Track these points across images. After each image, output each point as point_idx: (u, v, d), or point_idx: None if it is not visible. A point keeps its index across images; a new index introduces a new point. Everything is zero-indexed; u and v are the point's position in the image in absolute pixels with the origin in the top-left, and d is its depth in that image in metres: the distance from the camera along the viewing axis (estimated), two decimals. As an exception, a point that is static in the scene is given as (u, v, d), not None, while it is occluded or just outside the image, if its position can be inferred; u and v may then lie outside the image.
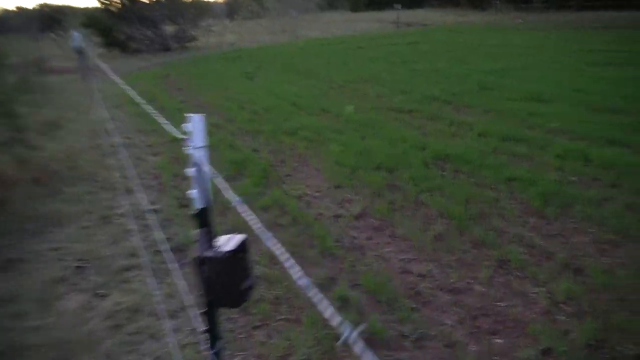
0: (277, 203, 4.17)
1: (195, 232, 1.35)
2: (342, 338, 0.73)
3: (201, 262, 1.29)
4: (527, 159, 4.82)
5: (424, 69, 11.25)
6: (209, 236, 1.32)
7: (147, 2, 22.03)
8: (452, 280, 2.91)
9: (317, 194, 4.37)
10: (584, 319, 2.48)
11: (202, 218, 1.32)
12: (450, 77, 9.86)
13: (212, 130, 6.85)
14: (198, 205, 1.31)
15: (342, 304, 2.71)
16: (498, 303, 2.68)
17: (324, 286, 2.91)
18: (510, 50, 13.51)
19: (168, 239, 3.52)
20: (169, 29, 22.33)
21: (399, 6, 27.72)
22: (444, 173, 4.61)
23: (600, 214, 3.54)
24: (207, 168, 1.27)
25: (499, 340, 2.40)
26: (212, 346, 1.35)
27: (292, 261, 0.92)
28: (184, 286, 2.70)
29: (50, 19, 36.71)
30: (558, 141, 5.23)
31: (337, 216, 3.88)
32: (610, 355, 2.25)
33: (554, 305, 2.60)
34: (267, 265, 3.13)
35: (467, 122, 6.33)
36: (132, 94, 4.25)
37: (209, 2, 42.15)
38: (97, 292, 3.03)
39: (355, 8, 41.14)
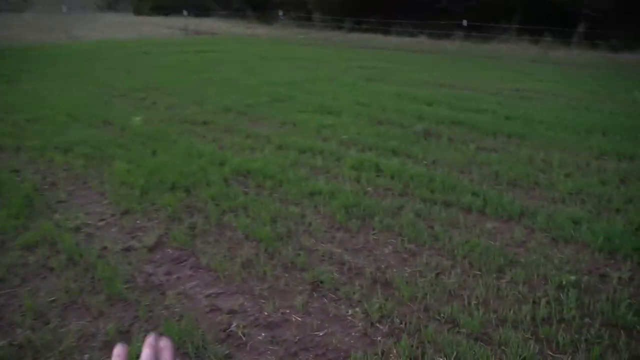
0: (46, 239, 3.34)
1: None
2: None
3: None
4: (326, 171, 4.88)
5: (215, 78, 10.93)
6: None
7: None
8: (266, 313, 2.63)
9: (100, 224, 3.66)
10: (399, 336, 2.45)
11: None
12: (243, 87, 9.76)
13: (-49, 146, 5.37)
14: None
15: (139, 367, 2.19)
16: (316, 332, 2.50)
17: (114, 343, 2.34)
18: (297, 64, 14.15)
19: None
20: None
21: (187, 13, 27.00)
22: (246, 190, 4.35)
23: (396, 223, 3.71)
24: None
25: (322, 378, 2.21)
26: None
27: None
28: None
29: None
30: (351, 152, 5.46)
31: (128, 249, 3.28)
32: (426, 372, 2.25)
33: (371, 326, 2.54)
34: None
35: (264, 134, 6.22)
36: None
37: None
38: None
39: (139, 11, 38.67)
